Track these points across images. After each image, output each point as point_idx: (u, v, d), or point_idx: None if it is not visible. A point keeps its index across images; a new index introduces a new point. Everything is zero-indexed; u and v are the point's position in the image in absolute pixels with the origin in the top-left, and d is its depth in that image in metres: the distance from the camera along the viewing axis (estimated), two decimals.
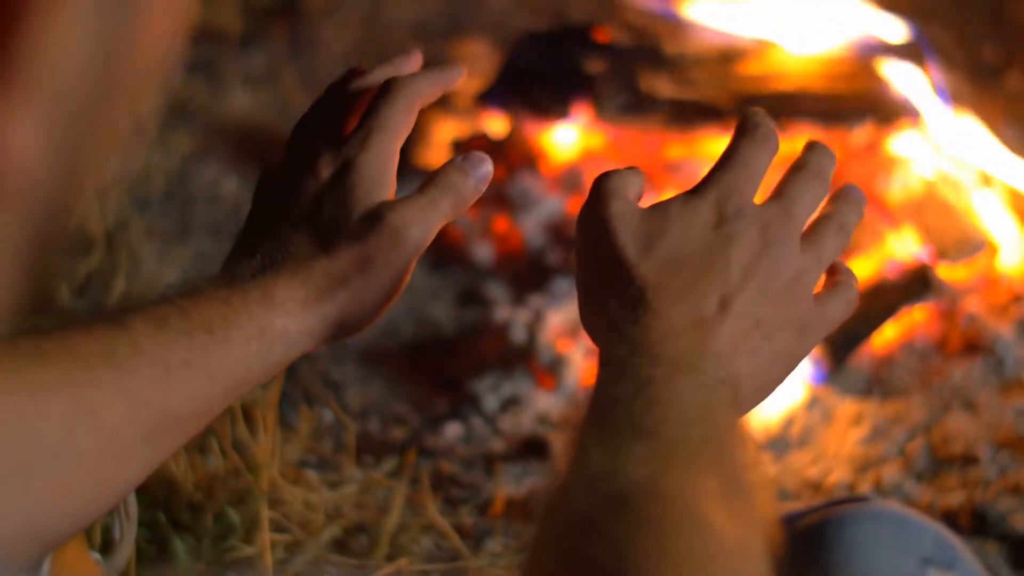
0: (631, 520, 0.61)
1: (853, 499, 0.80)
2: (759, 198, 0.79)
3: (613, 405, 0.68)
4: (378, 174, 0.80)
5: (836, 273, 0.80)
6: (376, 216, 0.78)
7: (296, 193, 0.80)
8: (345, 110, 0.84)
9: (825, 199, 0.81)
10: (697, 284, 0.74)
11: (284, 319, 0.75)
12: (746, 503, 0.65)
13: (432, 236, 0.79)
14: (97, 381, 0.68)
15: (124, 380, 0.69)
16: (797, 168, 0.80)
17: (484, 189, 0.82)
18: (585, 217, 0.79)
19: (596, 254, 0.77)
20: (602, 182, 0.79)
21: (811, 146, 0.81)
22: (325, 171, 0.80)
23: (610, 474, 0.63)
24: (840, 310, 0.79)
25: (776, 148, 0.80)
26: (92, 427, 0.68)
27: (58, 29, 0.32)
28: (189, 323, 0.72)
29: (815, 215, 0.80)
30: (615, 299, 0.75)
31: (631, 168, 0.80)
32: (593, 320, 0.77)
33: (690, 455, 0.66)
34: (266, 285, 0.75)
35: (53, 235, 0.36)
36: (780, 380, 0.77)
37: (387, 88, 0.83)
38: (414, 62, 0.87)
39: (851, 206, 0.80)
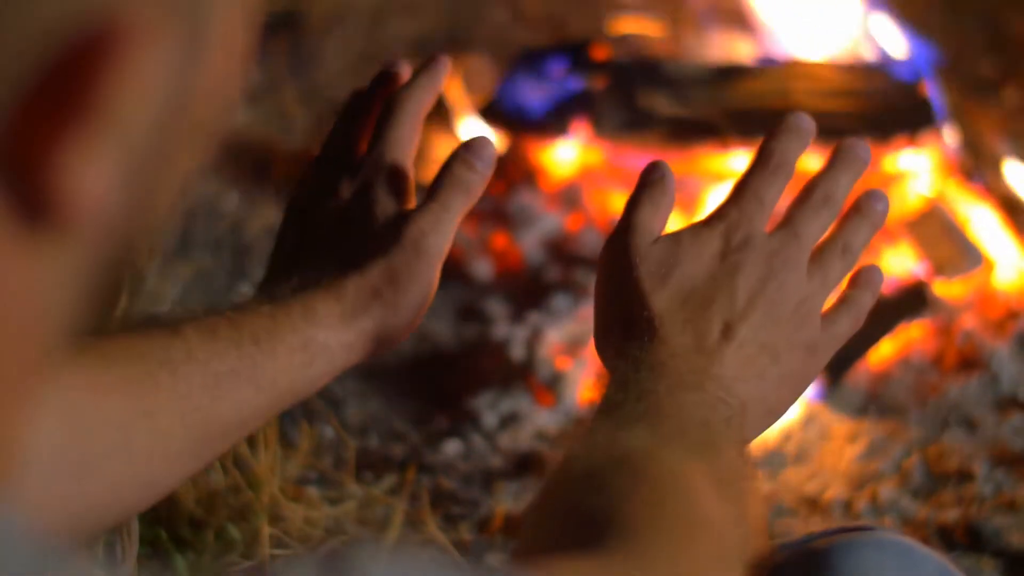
0: (628, 477, 0.65)
1: (858, 527, 0.82)
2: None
3: (616, 409, 0.72)
4: (395, 189, 0.84)
5: (849, 287, 0.83)
6: (396, 230, 0.81)
7: (322, 219, 0.84)
8: (355, 136, 0.88)
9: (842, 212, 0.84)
10: (703, 312, 0.78)
11: (326, 333, 0.78)
12: (735, 500, 0.69)
13: (452, 237, 0.83)
14: (155, 383, 0.71)
15: (179, 385, 0.72)
16: (806, 193, 0.82)
17: (492, 171, 0.85)
18: (610, 247, 0.82)
19: (615, 284, 0.81)
20: (632, 216, 0.81)
21: (828, 165, 0.84)
22: (346, 195, 0.84)
23: (612, 443, 0.68)
24: (847, 326, 0.82)
25: (789, 176, 0.83)
26: (147, 429, 0.71)
27: (140, 70, 0.33)
28: (238, 334, 0.75)
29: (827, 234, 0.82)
30: (627, 327, 0.78)
31: (660, 190, 0.82)
32: (605, 345, 0.81)
33: (686, 445, 0.70)
34: (306, 301, 0.79)
35: (119, 269, 0.38)
36: (792, 400, 0.81)
37: (388, 106, 0.86)
38: (404, 73, 0.90)
39: (859, 224, 0.83)
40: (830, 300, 0.83)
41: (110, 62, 0.32)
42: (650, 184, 0.82)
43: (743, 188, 0.82)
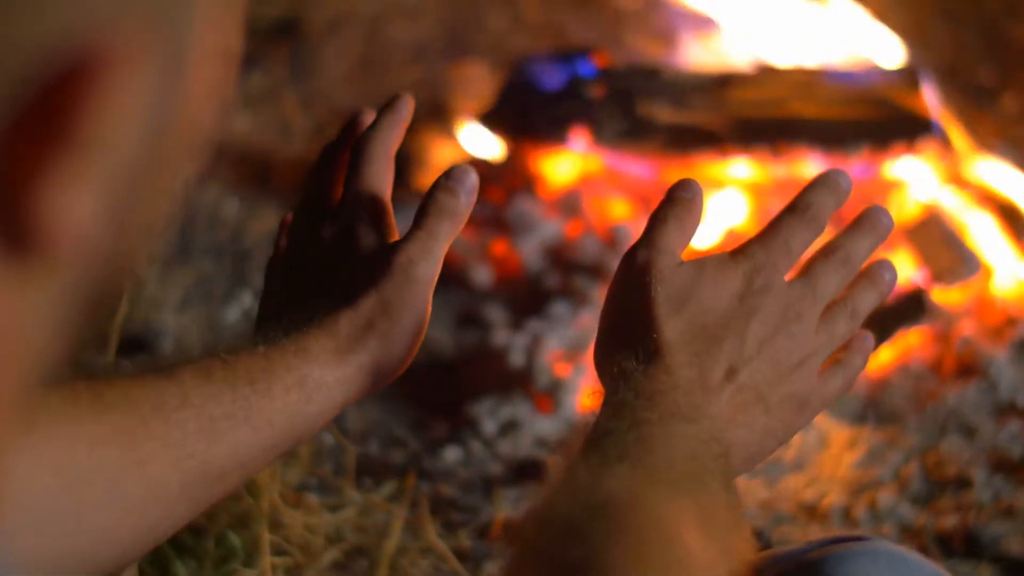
0: (609, 526, 0.64)
1: (852, 537, 0.82)
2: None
3: (605, 436, 0.71)
4: (377, 224, 0.84)
5: (845, 351, 0.83)
6: (384, 261, 0.81)
7: (307, 263, 0.85)
8: (330, 185, 0.88)
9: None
10: (711, 350, 0.78)
11: (321, 370, 0.78)
12: (720, 537, 0.68)
13: (440, 264, 0.83)
14: (148, 432, 0.71)
15: (172, 432, 0.72)
16: (830, 250, 0.83)
17: (475, 199, 0.85)
18: (630, 261, 0.81)
19: (629, 299, 0.80)
20: (657, 234, 0.81)
21: (852, 226, 0.84)
22: (329, 236, 0.85)
23: (594, 487, 0.66)
24: (839, 387, 0.82)
25: (821, 230, 0.83)
26: (140, 477, 0.71)
27: (123, 99, 0.33)
28: (233, 375, 0.75)
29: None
30: (632, 348, 0.77)
31: (689, 213, 0.82)
32: (605, 361, 0.80)
33: (672, 481, 0.69)
34: (299, 340, 0.79)
35: (105, 297, 0.37)
36: (770, 452, 0.80)
37: (357, 148, 0.87)
38: (368, 119, 0.91)
39: (869, 290, 0.83)
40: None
41: (91, 88, 0.32)
42: (679, 202, 0.81)
43: (774, 232, 0.82)
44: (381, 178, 0.86)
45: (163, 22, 0.35)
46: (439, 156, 1.97)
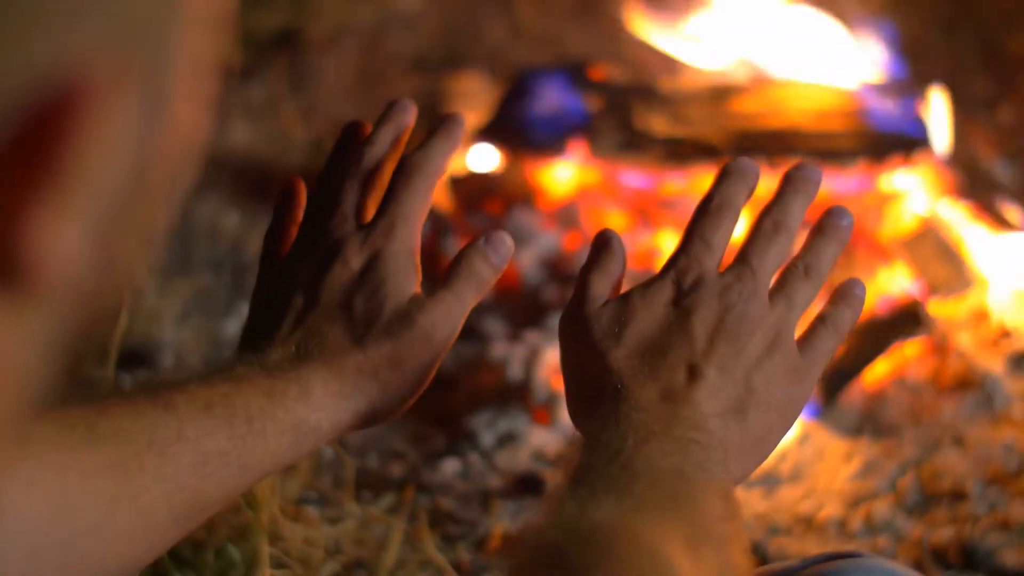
0: (597, 554, 0.63)
1: (845, 554, 0.82)
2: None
3: (587, 472, 0.71)
4: (405, 263, 0.82)
5: (827, 305, 0.82)
6: (407, 317, 0.80)
7: (326, 282, 0.82)
8: (362, 189, 0.86)
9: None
10: (663, 360, 0.77)
11: (319, 415, 0.77)
12: (715, 553, 0.68)
13: (460, 328, 0.82)
14: (142, 466, 0.71)
15: (166, 466, 0.72)
16: (756, 224, 0.82)
17: (506, 266, 0.84)
18: (564, 319, 0.82)
19: (575, 353, 0.80)
20: (580, 289, 0.81)
21: (776, 195, 0.83)
22: (355, 260, 0.82)
23: (580, 517, 0.66)
24: (827, 345, 0.80)
25: (735, 217, 0.82)
26: (132, 508, 0.71)
27: (107, 130, 0.33)
28: (232, 412, 0.74)
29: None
30: (595, 392, 0.77)
31: (607, 255, 0.82)
32: (577, 412, 0.80)
33: (659, 505, 0.69)
34: (303, 380, 0.78)
35: (91, 330, 0.38)
36: (783, 427, 0.79)
37: (406, 169, 0.84)
38: (410, 114, 0.89)
39: (821, 243, 0.82)
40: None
41: (74, 121, 0.32)
42: (598, 252, 0.83)
43: (689, 235, 0.82)
44: (420, 212, 0.84)
45: (144, 51, 0.35)
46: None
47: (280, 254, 0.86)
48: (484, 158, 1.96)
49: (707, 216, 0.82)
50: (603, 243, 0.83)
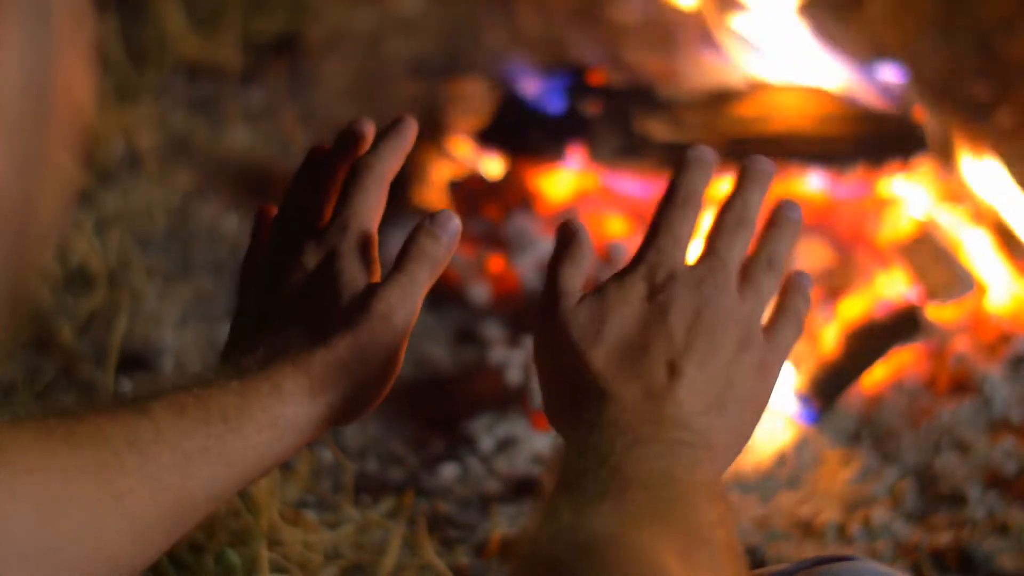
0: (593, 563, 0.63)
1: (837, 558, 0.82)
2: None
3: (579, 476, 0.71)
4: (360, 258, 0.84)
5: (781, 296, 0.83)
6: (363, 304, 0.81)
7: (286, 285, 0.84)
8: (319, 198, 0.88)
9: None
10: (644, 358, 0.77)
11: (294, 409, 0.79)
12: (708, 559, 0.68)
13: (418, 309, 0.83)
14: (123, 466, 0.72)
15: (147, 465, 0.73)
16: (720, 218, 0.83)
17: (456, 245, 0.86)
18: (539, 317, 0.82)
19: (552, 352, 0.80)
20: (553, 282, 0.81)
21: (735, 188, 0.84)
22: (311, 261, 0.84)
23: (575, 527, 0.66)
24: (790, 334, 0.82)
25: (699, 207, 0.83)
26: (117, 511, 0.71)
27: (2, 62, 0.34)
28: (207, 412, 0.76)
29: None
30: (574, 392, 0.78)
31: (576, 247, 0.82)
32: (556, 415, 0.80)
33: (653, 513, 0.69)
34: (274, 378, 0.79)
35: (26, 254, 0.38)
36: (755, 421, 0.80)
37: (355, 171, 0.87)
38: (368, 133, 0.90)
39: (777, 235, 0.83)
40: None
41: None
42: (565, 244, 0.83)
43: (656, 228, 0.82)
44: (373, 208, 0.86)
45: None
46: (436, 173, 1.98)
47: (256, 277, 0.88)
48: (483, 163, 1.97)
49: (673, 208, 0.82)
50: (569, 235, 0.83)
